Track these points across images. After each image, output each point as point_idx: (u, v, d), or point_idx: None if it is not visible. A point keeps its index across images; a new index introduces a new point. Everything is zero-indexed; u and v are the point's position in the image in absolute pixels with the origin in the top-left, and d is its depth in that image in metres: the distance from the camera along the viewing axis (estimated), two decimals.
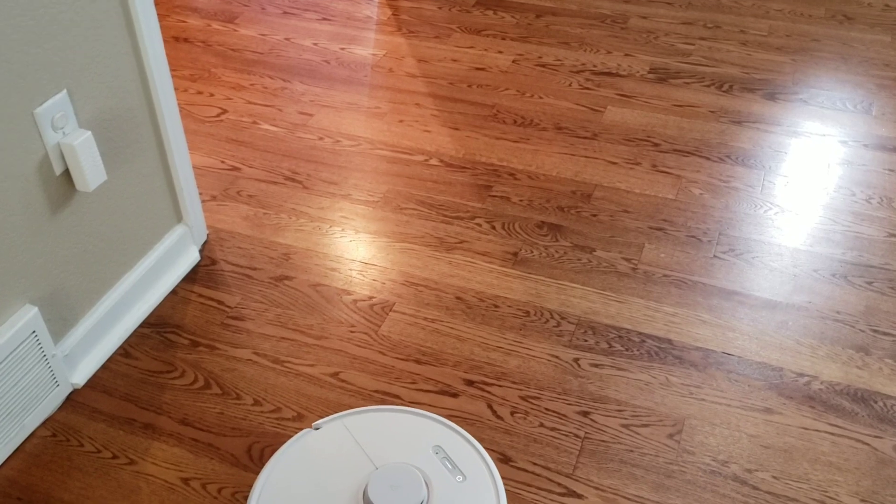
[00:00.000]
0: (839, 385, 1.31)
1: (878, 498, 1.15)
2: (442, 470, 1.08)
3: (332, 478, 1.08)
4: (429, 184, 1.74)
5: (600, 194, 1.71)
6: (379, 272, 1.53)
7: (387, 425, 1.14)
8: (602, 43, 2.22)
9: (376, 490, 1.03)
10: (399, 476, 1.05)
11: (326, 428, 1.14)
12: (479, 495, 1.05)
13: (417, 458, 1.09)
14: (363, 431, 1.13)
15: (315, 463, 1.09)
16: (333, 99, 2.02)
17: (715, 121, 1.92)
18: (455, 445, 1.11)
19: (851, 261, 1.54)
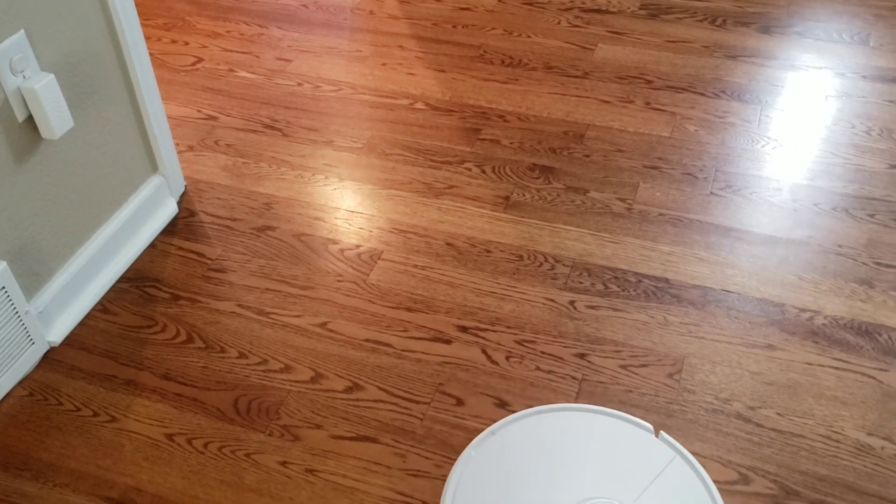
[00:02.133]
0: (843, 319, 1.27)
1: (885, 431, 1.12)
2: None
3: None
4: (415, 128, 1.68)
5: (593, 134, 1.65)
6: (365, 220, 1.47)
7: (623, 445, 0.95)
8: None
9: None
10: None
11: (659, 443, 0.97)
12: None
13: None
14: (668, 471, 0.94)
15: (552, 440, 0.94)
16: (312, 44, 1.94)
17: (709, 56, 1.86)
18: None
19: (853, 194, 1.50)
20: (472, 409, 1.17)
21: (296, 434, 1.14)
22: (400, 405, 1.18)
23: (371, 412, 1.17)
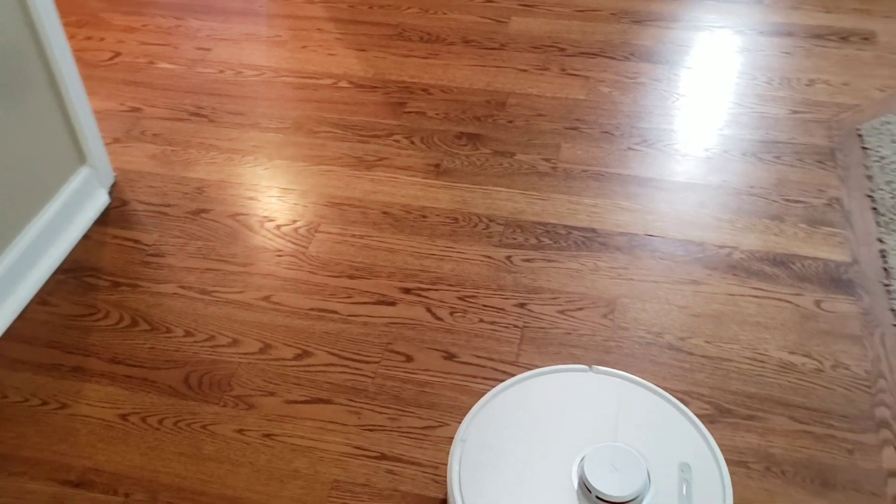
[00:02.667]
0: (759, 252, 1.36)
1: (804, 349, 1.21)
2: (676, 490, 0.91)
3: (559, 432, 0.96)
4: (340, 106, 1.71)
5: (514, 101, 1.71)
6: (299, 196, 1.50)
7: (656, 411, 0.98)
8: None
9: (593, 465, 0.90)
10: (622, 459, 0.91)
11: (601, 377, 1.01)
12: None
13: (656, 464, 0.94)
14: (628, 401, 0.99)
15: (552, 404, 0.98)
16: (230, 31, 1.95)
17: (616, 22, 1.94)
18: (705, 469, 0.93)
19: (759, 139, 1.59)
20: (421, 363, 1.21)
21: (250, 403, 1.16)
22: (350, 367, 1.21)
23: (322, 376, 1.20)
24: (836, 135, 1.60)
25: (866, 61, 1.79)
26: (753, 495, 1.04)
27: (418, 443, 1.11)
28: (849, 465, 1.07)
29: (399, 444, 1.11)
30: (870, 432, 1.11)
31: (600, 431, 0.96)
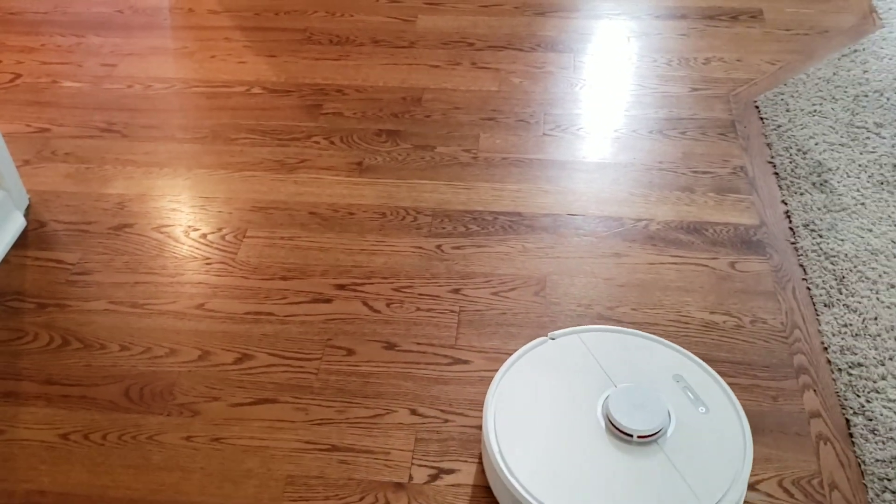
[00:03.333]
0: (673, 222, 1.43)
1: (724, 308, 1.28)
2: (684, 399, 1.04)
3: (568, 389, 1.05)
4: (256, 112, 1.71)
5: (429, 96, 1.74)
6: (223, 203, 1.50)
7: (624, 346, 1.10)
8: None
9: (617, 406, 0.99)
10: (641, 397, 1.01)
11: (563, 340, 1.12)
12: (724, 428, 1.02)
13: (657, 384, 1.05)
14: (600, 348, 1.10)
15: (551, 371, 1.07)
16: (135, 46, 1.92)
17: (520, 15, 2.00)
18: (695, 376, 1.07)
19: (664, 117, 1.67)
20: (363, 355, 1.23)
21: (194, 410, 1.16)
22: (293, 365, 1.22)
23: (265, 377, 1.20)
24: (734, 108, 1.69)
25: (756, 38, 1.90)
26: None
27: (368, 431, 1.13)
28: (774, 410, 1.15)
29: (349, 434, 1.13)
30: (790, 379, 1.18)
31: (601, 379, 1.07)
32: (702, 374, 1.08)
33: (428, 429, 1.13)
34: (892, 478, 1.06)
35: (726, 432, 1.02)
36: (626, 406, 1.00)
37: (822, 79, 1.76)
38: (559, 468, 0.97)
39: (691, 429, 1.01)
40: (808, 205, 1.46)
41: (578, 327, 1.13)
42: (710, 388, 1.07)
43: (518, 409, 1.03)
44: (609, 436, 1.00)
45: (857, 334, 1.24)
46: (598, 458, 0.98)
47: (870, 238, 1.39)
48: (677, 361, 1.10)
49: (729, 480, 0.96)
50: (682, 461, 0.98)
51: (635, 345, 1.11)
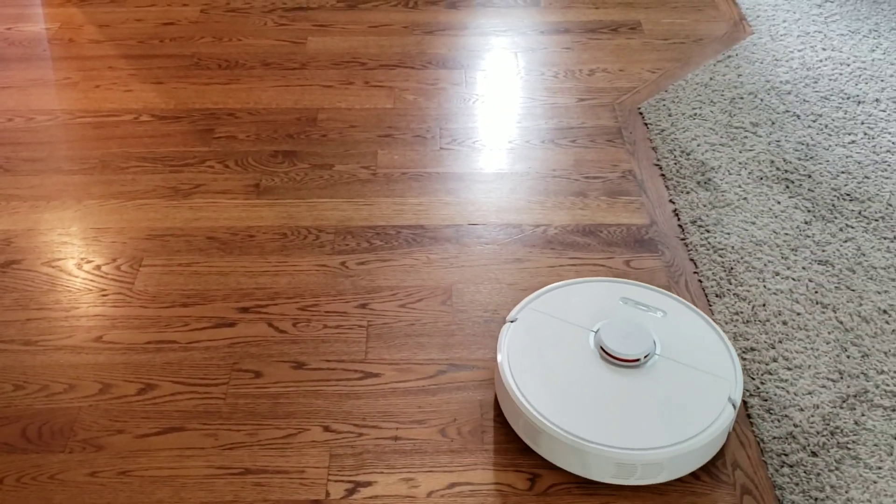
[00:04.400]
0: (569, 226, 1.48)
1: None
2: (641, 314, 1.19)
3: (555, 346, 1.16)
4: (145, 139, 1.67)
5: (324, 116, 1.74)
6: (117, 233, 1.45)
7: (570, 297, 1.24)
8: None
9: (610, 339, 1.13)
10: (625, 328, 1.15)
11: (521, 316, 1.20)
12: (688, 321, 1.20)
13: (613, 312, 1.20)
14: (555, 308, 1.21)
15: (538, 328, 1.19)
16: (13, 79, 1.85)
17: (410, 34, 2.03)
18: (638, 293, 1.24)
19: (554, 127, 1.73)
20: (271, 377, 1.21)
21: (98, 444, 1.12)
22: (199, 392, 1.19)
23: (171, 405, 1.17)
24: (620, 115, 1.76)
25: (636, 48, 1.99)
26: None
27: (281, 452, 1.11)
28: None
29: (261, 456, 1.11)
30: None
31: (578, 324, 1.20)
32: (642, 289, 1.25)
33: (342, 444, 1.12)
34: (789, 453, 1.12)
35: (691, 321, 1.20)
36: (615, 338, 1.14)
37: (700, 84, 1.85)
38: (567, 394, 1.10)
39: (670, 332, 1.18)
40: (694, 202, 1.53)
41: (527, 299, 1.24)
42: (655, 298, 1.24)
43: (524, 352, 1.16)
44: (604, 363, 1.14)
45: (748, 321, 1.31)
46: (599, 383, 1.12)
47: (753, 230, 1.47)
48: (617, 288, 1.25)
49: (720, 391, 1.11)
50: (673, 378, 1.13)
51: (578, 292, 1.25)
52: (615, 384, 1.11)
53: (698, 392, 1.11)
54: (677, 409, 1.08)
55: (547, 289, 1.25)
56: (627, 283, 1.27)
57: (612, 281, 1.28)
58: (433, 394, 1.19)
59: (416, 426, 1.14)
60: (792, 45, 1.98)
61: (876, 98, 1.80)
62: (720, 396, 1.10)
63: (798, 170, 1.60)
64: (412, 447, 1.12)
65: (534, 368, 1.13)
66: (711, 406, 1.09)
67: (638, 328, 1.15)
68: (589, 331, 1.17)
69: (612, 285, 1.26)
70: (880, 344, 1.27)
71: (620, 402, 1.09)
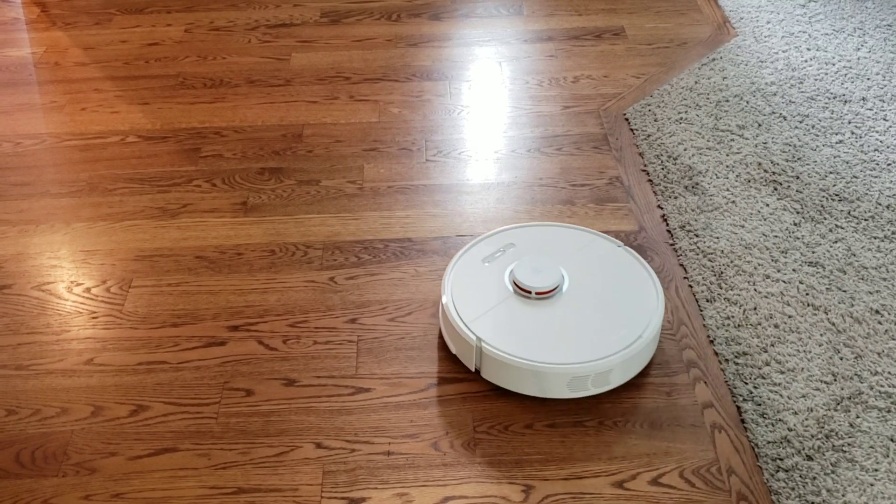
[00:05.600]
0: None
1: None
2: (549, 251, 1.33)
3: (488, 287, 1.28)
4: (133, 161, 1.67)
5: (310, 132, 1.75)
6: (106, 255, 1.45)
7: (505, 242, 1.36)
8: None
9: (521, 271, 1.25)
10: (539, 263, 1.26)
11: (462, 262, 1.32)
12: (608, 250, 1.35)
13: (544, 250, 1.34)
14: (488, 253, 1.34)
15: (475, 281, 1.29)
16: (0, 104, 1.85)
17: (393, 47, 2.04)
18: (559, 234, 1.38)
19: (540, 135, 1.73)
20: (263, 395, 1.21)
21: (91, 467, 1.12)
22: (190, 412, 1.19)
23: (163, 426, 1.17)
24: (605, 122, 1.77)
25: (620, 54, 1.99)
26: (593, 450, 1.13)
27: (273, 470, 1.11)
28: (669, 405, 1.19)
29: (254, 475, 1.11)
30: (682, 373, 1.23)
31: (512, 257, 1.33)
32: (565, 230, 1.39)
33: (335, 460, 1.12)
34: (784, 457, 1.11)
35: (624, 265, 1.32)
36: (528, 272, 1.25)
37: (685, 88, 1.85)
38: (494, 320, 1.23)
39: (590, 282, 1.29)
40: (682, 207, 1.54)
41: (466, 247, 1.35)
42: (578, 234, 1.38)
43: (462, 287, 1.28)
44: (518, 296, 1.25)
45: (740, 325, 1.31)
46: (514, 311, 1.24)
47: (742, 233, 1.47)
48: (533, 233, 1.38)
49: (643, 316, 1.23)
50: (587, 305, 1.25)
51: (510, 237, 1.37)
52: (547, 313, 1.24)
53: (626, 308, 1.25)
54: (612, 325, 1.22)
55: (484, 236, 1.37)
56: (552, 226, 1.40)
57: (542, 225, 1.41)
58: (425, 407, 1.19)
59: (409, 440, 1.14)
60: (776, 46, 1.99)
61: (862, 97, 1.81)
62: (647, 308, 1.24)
63: (786, 171, 1.61)
64: (405, 462, 1.12)
65: (477, 307, 1.24)
66: (641, 317, 1.23)
67: (548, 264, 1.27)
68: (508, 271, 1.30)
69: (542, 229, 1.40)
70: (873, 345, 1.27)
71: (557, 327, 1.22)
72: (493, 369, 1.19)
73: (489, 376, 1.21)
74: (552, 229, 1.38)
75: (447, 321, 1.23)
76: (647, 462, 1.12)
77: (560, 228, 1.38)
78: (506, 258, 1.31)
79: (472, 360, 1.21)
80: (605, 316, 1.23)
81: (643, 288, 1.27)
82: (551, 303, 1.24)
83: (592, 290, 1.27)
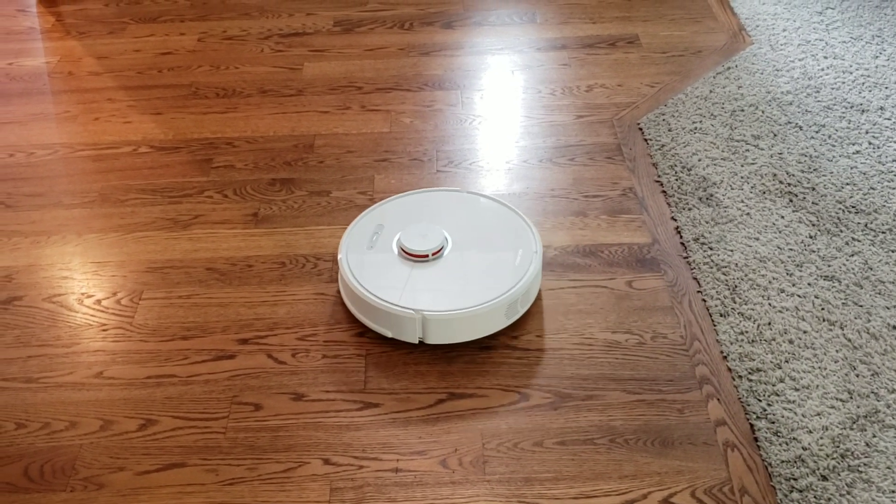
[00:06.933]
0: (569, 247, 1.47)
1: (625, 326, 1.32)
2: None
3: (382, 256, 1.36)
4: (144, 171, 1.67)
5: (321, 142, 1.74)
6: (117, 267, 1.45)
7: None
8: (282, 7, 2.25)
9: (407, 237, 1.34)
10: (425, 229, 1.35)
11: (356, 226, 1.42)
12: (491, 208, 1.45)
13: None
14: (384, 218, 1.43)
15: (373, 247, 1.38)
16: (14, 114, 1.86)
17: (405, 56, 2.03)
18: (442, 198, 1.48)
19: (552, 145, 1.72)
20: (271, 409, 1.21)
21: (99, 482, 1.11)
22: (199, 426, 1.19)
23: (171, 441, 1.17)
24: (619, 131, 1.75)
25: (634, 63, 1.98)
26: (603, 468, 1.12)
27: (281, 486, 1.10)
28: (681, 422, 1.17)
29: (262, 491, 1.10)
30: (694, 390, 1.22)
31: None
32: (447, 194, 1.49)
33: (343, 477, 1.11)
34: (798, 477, 1.10)
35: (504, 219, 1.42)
36: (415, 236, 1.34)
37: (700, 97, 1.84)
38: (415, 291, 1.29)
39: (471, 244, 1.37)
40: (696, 219, 1.52)
41: (367, 210, 1.45)
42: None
43: (358, 251, 1.37)
44: (416, 262, 1.34)
45: (754, 340, 1.29)
46: (423, 277, 1.32)
47: (757, 246, 1.45)
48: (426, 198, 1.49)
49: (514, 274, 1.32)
50: (469, 264, 1.34)
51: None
52: (446, 269, 1.34)
53: (505, 239, 1.38)
54: (511, 258, 1.34)
55: (351, 225, 1.43)
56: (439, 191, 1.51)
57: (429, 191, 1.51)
58: (433, 423, 1.18)
59: (417, 457, 1.13)
60: (793, 55, 1.97)
61: (880, 106, 1.79)
62: (522, 233, 1.38)
63: (801, 182, 1.59)
64: (413, 479, 1.11)
65: (394, 287, 1.31)
66: (523, 242, 1.37)
67: (426, 228, 1.36)
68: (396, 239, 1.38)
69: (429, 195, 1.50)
70: (890, 361, 1.25)
71: (467, 275, 1.33)
72: (439, 331, 1.26)
73: (434, 339, 1.27)
74: (405, 198, 1.48)
75: (376, 310, 1.28)
76: (658, 481, 1.10)
77: (410, 196, 1.49)
78: (384, 237, 1.38)
79: (415, 334, 1.27)
80: (498, 251, 1.36)
81: (509, 219, 1.42)
82: (446, 260, 1.34)
83: (472, 236, 1.38)
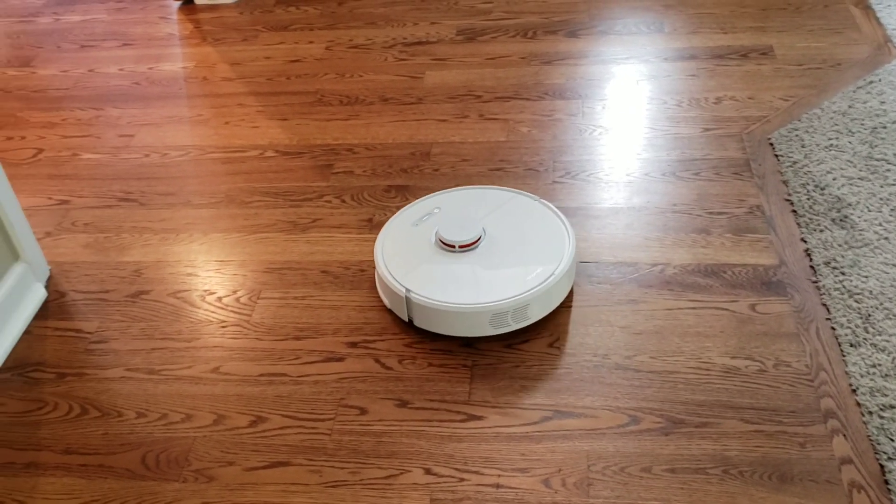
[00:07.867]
0: (690, 265, 1.41)
1: (746, 352, 1.25)
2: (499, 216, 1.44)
3: (419, 237, 1.42)
4: (269, 175, 1.73)
5: (437, 150, 1.75)
6: (238, 266, 1.50)
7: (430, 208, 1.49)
8: (407, 17, 2.28)
9: (445, 228, 1.37)
10: (462, 221, 1.39)
11: (392, 225, 1.45)
12: (526, 205, 1.46)
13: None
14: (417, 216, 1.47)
15: (407, 243, 1.41)
16: (152, 116, 1.96)
17: (527, 65, 2.01)
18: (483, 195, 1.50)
19: (676, 158, 1.66)
20: (376, 414, 1.21)
21: (210, 475, 1.15)
22: (306, 426, 1.21)
23: (279, 439, 1.19)
24: (748, 146, 1.68)
25: (767, 75, 1.89)
26: (715, 500, 1.06)
27: (382, 493, 1.11)
28: (802, 457, 1.11)
29: (363, 496, 1.11)
30: (818, 423, 1.14)
31: None
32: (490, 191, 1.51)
33: (443, 489, 1.11)
34: None
35: (538, 216, 1.43)
36: (453, 227, 1.38)
37: (838, 112, 1.73)
38: (422, 274, 1.34)
39: (509, 234, 1.40)
40: (828, 242, 1.43)
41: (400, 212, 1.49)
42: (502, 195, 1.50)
43: (393, 247, 1.40)
44: (442, 250, 1.37)
45: (888, 374, 1.20)
46: (439, 264, 1.35)
47: (895, 273, 1.35)
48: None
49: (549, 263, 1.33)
50: (504, 254, 1.36)
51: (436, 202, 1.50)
52: (471, 262, 1.35)
53: (538, 251, 1.36)
54: (528, 267, 1.33)
55: (411, 204, 1.50)
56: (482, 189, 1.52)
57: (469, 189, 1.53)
58: (537, 441, 1.15)
59: (519, 474, 1.11)
60: None
61: None
62: (557, 250, 1.35)
63: None
64: (514, 496, 1.09)
65: (407, 264, 1.36)
66: (552, 258, 1.34)
67: (470, 221, 1.39)
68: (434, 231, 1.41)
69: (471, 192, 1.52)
70: None
71: (479, 273, 1.33)
72: (424, 316, 1.30)
73: (421, 324, 1.32)
74: (475, 191, 1.51)
75: (379, 278, 1.36)
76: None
77: (482, 190, 1.51)
78: (432, 220, 1.43)
79: (404, 311, 1.32)
80: (522, 260, 1.34)
81: (556, 234, 1.38)
82: (475, 254, 1.36)
83: (510, 240, 1.38)
